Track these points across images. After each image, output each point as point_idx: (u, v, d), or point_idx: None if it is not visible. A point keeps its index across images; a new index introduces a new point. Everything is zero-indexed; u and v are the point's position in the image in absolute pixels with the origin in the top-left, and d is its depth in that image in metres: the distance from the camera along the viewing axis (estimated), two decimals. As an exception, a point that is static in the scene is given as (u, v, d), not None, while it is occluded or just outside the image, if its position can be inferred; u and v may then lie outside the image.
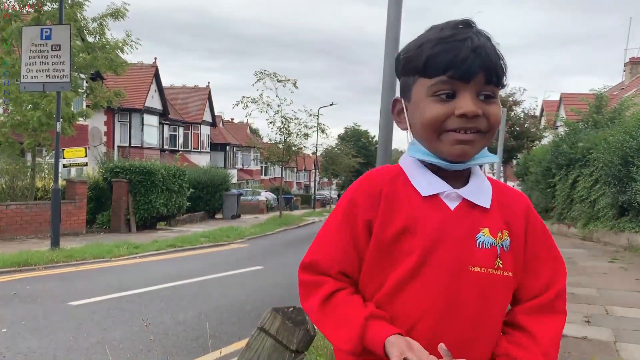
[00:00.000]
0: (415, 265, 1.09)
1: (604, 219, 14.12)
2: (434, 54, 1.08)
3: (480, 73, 1.07)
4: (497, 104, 1.12)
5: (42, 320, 5.68)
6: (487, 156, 1.16)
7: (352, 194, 1.17)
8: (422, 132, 1.13)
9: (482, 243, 1.11)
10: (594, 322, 5.43)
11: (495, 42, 1.13)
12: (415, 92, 1.13)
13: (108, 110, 24.03)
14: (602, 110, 18.46)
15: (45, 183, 15.08)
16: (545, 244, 1.19)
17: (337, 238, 1.15)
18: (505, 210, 1.16)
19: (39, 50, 10.77)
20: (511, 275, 1.13)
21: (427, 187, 1.13)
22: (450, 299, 1.08)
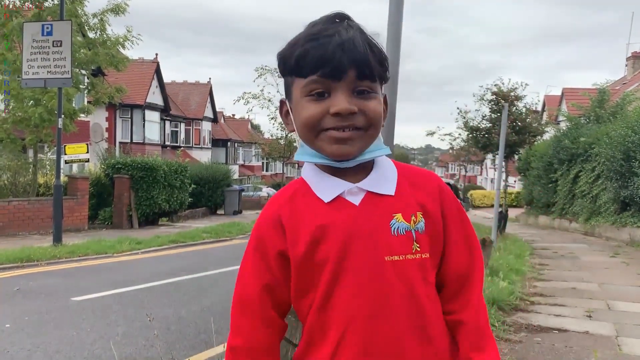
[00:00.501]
0: (334, 271, 1.08)
1: (606, 213, 14.12)
2: (303, 53, 1.05)
3: (351, 69, 1.04)
4: (375, 99, 1.09)
5: (45, 315, 5.70)
6: (379, 149, 1.13)
7: (258, 229, 1.16)
8: (302, 133, 1.11)
9: (397, 229, 1.09)
10: (596, 317, 5.44)
11: (374, 33, 1.10)
12: (294, 93, 1.11)
13: (109, 106, 24.03)
14: (605, 105, 18.42)
15: (47, 179, 15.10)
16: (461, 229, 1.18)
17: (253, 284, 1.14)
18: (417, 192, 1.14)
19: (40, 46, 10.76)
20: (428, 256, 1.11)
21: (328, 191, 1.11)
22: (375, 295, 1.07)
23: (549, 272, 8.40)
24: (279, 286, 1.13)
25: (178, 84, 39.43)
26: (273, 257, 1.12)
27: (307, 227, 1.09)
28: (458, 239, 1.17)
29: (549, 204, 19.57)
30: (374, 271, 1.07)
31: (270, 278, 1.12)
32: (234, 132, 46.60)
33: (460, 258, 1.17)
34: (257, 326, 1.13)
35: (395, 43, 3.66)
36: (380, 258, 1.08)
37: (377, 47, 1.09)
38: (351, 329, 1.07)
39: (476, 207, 39.26)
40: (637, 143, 11.88)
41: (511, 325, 4.95)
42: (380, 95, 1.11)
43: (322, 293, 1.09)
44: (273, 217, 1.13)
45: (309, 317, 1.12)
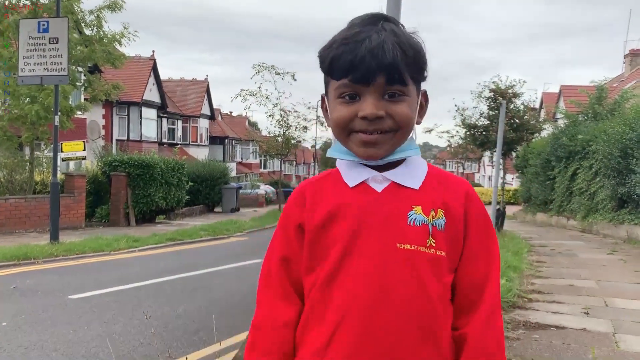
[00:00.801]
0: (343, 250, 1.10)
1: (603, 211, 14.13)
2: (336, 57, 1.09)
3: (380, 74, 1.06)
4: (405, 102, 1.10)
5: (42, 313, 5.68)
6: (409, 149, 1.16)
7: (286, 205, 1.23)
8: (335, 132, 1.16)
9: (413, 221, 1.10)
10: (593, 314, 5.44)
11: (412, 31, 1.12)
12: (329, 92, 1.15)
13: (106, 104, 23.99)
14: (603, 102, 18.43)
15: (43, 177, 15.07)
16: (485, 239, 1.17)
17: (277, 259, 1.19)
18: (443, 191, 1.15)
19: (37, 43, 10.72)
20: (444, 255, 1.11)
21: (354, 177, 1.15)
22: (382, 279, 1.07)
23: (547, 269, 8.40)
24: (295, 260, 1.16)
25: (175, 81, 39.34)
26: (293, 229, 1.17)
27: (326, 203, 1.14)
28: (479, 248, 1.16)
29: (547, 201, 19.59)
30: (384, 255, 1.08)
31: (288, 250, 1.17)
32: (231, 130, 46.55)
33: (476, 268, 1.15)
34: (277, 299, 1.17)
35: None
36: (392, 244, 1.09)
37: (411, 49, 1.09)
38: (353, 312, 1.07)
39: (474, 205, 39.26)
40: (634, 140, 11.89)
41: (509, 322, 4.95)
42: (413, 96, 1.13)
43: (328, 269, 1.10)
44: (299, 192, 1.21)
45: (311, 293, 1.13)
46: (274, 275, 1.18)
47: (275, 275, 1.17)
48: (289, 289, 1.17)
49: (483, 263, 1.16)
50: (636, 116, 12.48)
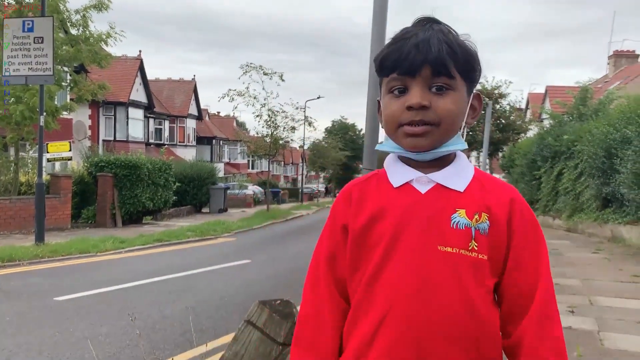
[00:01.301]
0: (386, 248, 1.12)
1: (588, 210, 14.28)
2: (385, 55, 1.15)
3: (425, 66, 1.11)
4: (451, 97, 1.13)
5: (27, 315, 5.63)
6: (455, 144, 1.17)
7: (334, 204, 1.26)
8: (385, 127, 1.19)
9: (456, 224, 1.11)
10: (578, 312, 5.50)
11: (463, 35, 1.17)
12: (382, 91, 1.20)
13: (92, 104, 23.79)
14: (587, 103, 18.63)
15: (29, 178, 14.91)
16: (533, 246, 1.15)
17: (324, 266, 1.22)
18: (487, 195, 1.15)
19: (21, 42, 10.61)
20: (486, 259, 1.11)
21: (399, 177, 1.18)
22: (423, 280, 1.09)
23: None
24: (341, 258, 1.19)
25: (162, 81, 39.13)
26: (339, 229, 1.20)
27: (370, 204, 1.17)
28: (525, 255, 1.14)
29: (533, 200, 19.76)
30: (425, 257, 1.10)
31: (334, 249, 1.20)
32: (219, 130, 46.37)
33: (524, 275, 1.13)
34: (323, 298, 1.20)
35: (380, 42, 3.66)
36: (433, 246, 1.10)
37: (460, 47, 1.14)
38: (394, 310, 1.09)
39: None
40: (618, 140, 12.02)
41: (495, 321, 4.98)
42: (461, 92, 1.15)
43: (372, 269, 1.13)
44: (346, 192, 1.24)
45: (357, 293, 1.15)
46: (321, 273, 1.21)
47: (322, 273, 1.21)
48: (333, 289, 1.20)
49: (531, 270, 1.14)
50: (620, 117, 12.62)
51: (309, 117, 29.35)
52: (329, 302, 1.19)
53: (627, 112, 12.34)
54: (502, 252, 1.13)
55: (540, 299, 1.12)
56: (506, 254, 1.13)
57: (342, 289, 1.20)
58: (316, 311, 1.20)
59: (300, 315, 1.23)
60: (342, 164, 47.92)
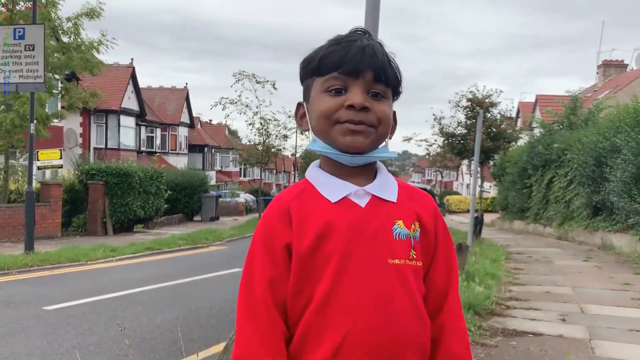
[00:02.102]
0: (338, 268, 1.09)
1: (579, 218, 14.37)
2: (327, 54, 1.15)
3: (369, 70, 1.12)
4: (387, 104, 1.16)
5: (15, 325, 5.56)
6: (387, 152, 1.20)
7: (264, 223, 1.16)
8: (317, 125, 1.16)
9: (398, 235, 1.13)
10: (569, 320, 5.52)
11: (391, 52, 1.19)
12: (313, 91, 1.18)
13: (84, 112, 23.68)
14: (577, 112, 18.79)
15: (18, 185, 14.79)
16: (449, 251, 1.23)
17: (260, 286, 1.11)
18: (415, 205, 1.19)
19: (12, 50, 10.56)
20: (421, 265, 1.16)
21: (334, 192, 1.15)
22: (379, 296, 1.09)
23: (524, 276, 8.50)
24: (281, 282, 1.11)
25: (154, 89, 39.03)
26: (279, 250, 1.12)
27: (314, 221, 1.12)
28: (444, 259, 1.21)
29: (524, 209, 19.85)
30: (378, 272, 1.10)
31: (274, 272, 1.11)
32: (211, 138, 46.28)
33: (441, 277, 1.20)
34: (265, 329, 1.09)
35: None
36: (384, 260, 1.11)
37: (394, 62, 1.18)
38: (354, 332, 1.07)
39: (452, 212, 39.63)
40: (608, 149, 12.13)
41: (487, 329, 4.99)
42: (391, 103, 1.19)
43: (323, 291, 1.09)
44: (281, 209, 1.15)
45: (305, 317, 1.10)
46: (260, 300, 1.10)
47: (261, 300, 1.10)
48: (276, 316, 1.10)
49: (446, 272, 1.21)
50: (610, 126, 12.74)
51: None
52: (274, 332, 1.09)
53: (616, 121, 12.47)
54: (430, 257, 1.19)
55: (452, 298, 1.20)
56: (432, 259, 1.20)
57: (283, 314, 1.11)
58: (261, 343, 1.08)
59: (240, 351, 1.10)
60: (334, 172, 47.90)
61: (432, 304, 1.18)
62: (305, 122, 1.21)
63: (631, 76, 26.84)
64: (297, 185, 1.21)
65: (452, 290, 1.21)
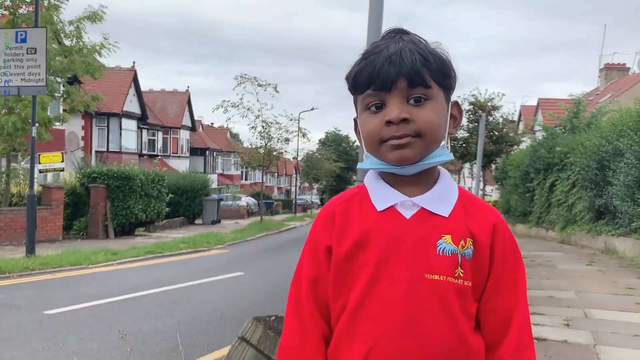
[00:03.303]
0: (370, 278, 1.08)
1: (581, 222, 14.31)
2: (358, 72, 1.12)
3: (400, 79, 1.08)
4: (430, 107, 1.10)
5: (15, 329, 5.54)
6: (440, 155, 1.14)
7: (314, 224, 1.20)
8: (367, 146, 1.15)
9: (442, 250, 1.08)
10: (573, 325, 5.47)
11: (434, 43, 1.14)
12: (358, 109, 1.17)
13: (85, 115, 23.70)
14: (580, 115, 18.77)
15: (20, 189, 14.79)
16: (512, 272, 1.15)
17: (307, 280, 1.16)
18: (471, 220, 1.13)
19: (14, 53, 10.56)
20: (470, 285, 1.10)
21: (382, 200, 1.13)
22: (410, 310, 1.06)
23: (527, 280, 8.45)
24: (324, 282, 1.14)
25: (156, 92, 39.10)
26: (322, 252, 1.15)
27: (355, 229, 1.12)
28: (504, 280, 1.13)
29: (526, 212, 19.80)
30: (411, 286, 1.07)
31: (318, 272, 1.14)
32: (212, 141, 46.33)
33: (502, 301, 1.13)
34: (306, 326, 1.13)
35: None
36: (420, 274, 1.07)
37: (433, 55, 1.11)
38: (380, 343, 1.06)
39: (454, 216, 39.57)
40: (610, 153, 12.09)
41: (491, 335, 4.95)
42: (440, 101, 1.13)
43: (355, 299, 1.09)
44: (328, 212, 1.18)
45: (339, 322, 1.11)
46: (304, 299, 1.15)
47: (305, 300, 1.14)
48: (317, 315, 1.14)
49: (509, 296, 1.13)
50: (612, 129, 12.70)
51: (303, 128, 29.43)
52: (314, 331, 1.13)
53: (619, 125, 12.43)
54: (484, 277, 1.12)
55: (517, 327, 1.12)
56: (487, 279, 1.12)
57: (325, 314, 1.14)
58: (301, 340, 1.13)
59: (285, 343, 1.16)
60: (336, 175, 47.92)
61: (493, 332, 1.12)
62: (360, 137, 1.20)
63: (633, 79, 26.82)
64: (351, 190, 1.21)
65: (516, 320, 1.12)
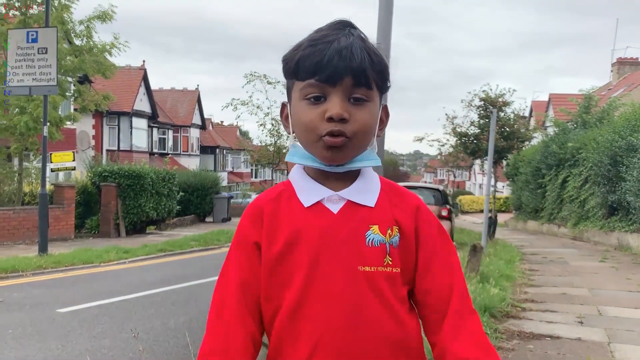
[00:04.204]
0: (306, 276, 1.07)
1: (594, 218, 14.20)
2: (303, 57, 1.08)
3: (347, 76, 1.06)
4: (368, 108, 1.09)
5: (29, 328, 5.58)
6: (369, 159, 1.14)
7: (240, 224, 1.17)
8: (300, 136, 1.13)
9: (371, 241, 1.09)
10: (587, 323, 5.42)
11: (376, 43, 1.13)
12: (293, 95, 1.13)
13: (96, 114, 23.81)
14: (591, 110, 18.59)
15: (32, 188, 14.91)
16: (440, 248, 1.15)
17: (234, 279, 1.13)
18: (395, 208, 1.14)
19: (25, 53, 10.63)
20: (398, 271, 1.10)
21: (309, 196, 1.12)
22: (350, 304, 1.07)
23: (539, 277, 8.40)
24: (255, 284, 1.11)
25: (166, 90, 39.23)
26: (251, 249, 1.13)
27: (284, 229, 1.10)
28: (434, 260, 1.14)
29: (538, 209, 19.67)
30: (348, 280, 1.07)
31: (247, 273, 1.12)
32: (222, 139, 46.44)
33: (437, 280, 1.13)
34: (234, 327, 1.10)
35: (385, 51, 3.61)
36: (354, 267, 1.08)
37: (377, 56, 1.10)
38: (325, 340, 1.06)
39: (465, 213, 39.42)
40: (624, 148, 11.96)
41: (503, 332, 4.92)
42: (376, 104, 1.13)
43: (293, 299, 1.07)
44: (255, 211, 1.15)
45: (277, 323, 1.10)
46: (232, 302, 1.10)
47: (232, 302, 1.10)
48: (247, 319, 1.10)
49: (444, 273, 1.14)
50: (625, 124, 12.57)
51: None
52: (241, 332, 1.09)
53: (632, 120, 12.30)
54: (412, 261, 1.13)
55: (457, 298, 1.12)
56: (415, 262, 1.13)
57: (256, 316, 1.12)
58: (225, 343, 1.09)
59: (204, 348, 1.11)
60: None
61: (429, 312, 1.13)
62: (289, 122, 1.16)
63: (646, 74, 26.48)
64: (277, 187, 1.19)
65: (455, 293, 1.12)
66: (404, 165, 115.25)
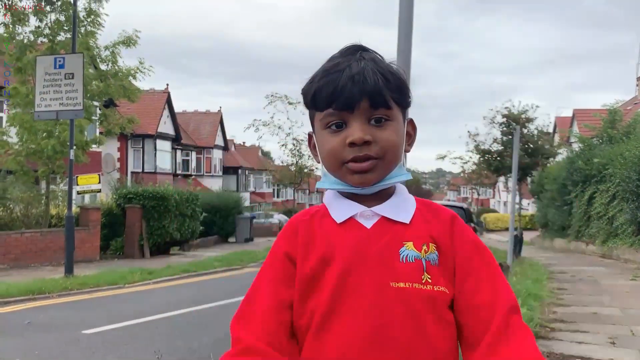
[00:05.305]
0: (334, 292, 1.05)
1: (623, 235, 13.85)
2: (319, 89, 1.10)
3: (363, 100, 1.07)
4: (391, 127, 1.10)
5: (55, 349, 5.62)
6: (399, 175, 1.14)
7: (277, 238, 1.18)
8: (326, 164, 1.14)
9: (406, 257, 1.07)
10: (620, 344, 5.25)
11: (391, 62, 1.14)
12: (316, 125, 1.15)
13: (121, 137, 24.26)
14: (617, 125, 18.28)
15: (59, 210, 15.17)
16: (480, 261, 1.10)
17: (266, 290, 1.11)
18: (429, 225, 1.12)
19: (53, 79, 10.91)
20: (444, 290, 1.06)
21: (341, 213, 1.12)
22: (376, 321, 1.02)
23: (568, 296, 8.19)
24: (288, 296, 1.09)
25: (189, 113, 39.83)
26: (287, 265, 1.11)
27: (317, 245, 1.10)
28: (473, 267, 1.09)
29: (564, 226, 19.30)
30: (377, 296, 1.04)
31: (285, 292, 1.09)
32: (244, 160, 46.82)
33: (477, 288, 1.07)
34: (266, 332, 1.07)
35: (405, 70, 3.61)
36: (385, 283, 1.05)
37: (392, 74, 1.11)
38: (350, 354, 1.03)
39: (490, 231, 38.89)
40: (652, 163, 11.71)
41: (532, 354, 4.79)
42: (399, 120, 1.13)
43: (320, 314, 1.06)
44: (290, 228, 1.16)
45: (306, 339, 1.07)
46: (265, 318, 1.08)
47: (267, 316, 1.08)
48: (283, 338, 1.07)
49: (485, 282, 1.07)
50: (653, 139, 12.33)
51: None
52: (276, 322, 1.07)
53: (660, 134, 12.05)
54: (454, 277, 1.09)
55: (500, 312, 1.04)
56: (454, 276, 1.09)
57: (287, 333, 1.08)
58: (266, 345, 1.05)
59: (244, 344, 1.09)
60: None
61: (471, 328, 1.05)
62: (316, 152, 1.18)
63: (673, 87, 26.02)
64: (313, 208, 1.20)
65: (500, 306, 1.04)
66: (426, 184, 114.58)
